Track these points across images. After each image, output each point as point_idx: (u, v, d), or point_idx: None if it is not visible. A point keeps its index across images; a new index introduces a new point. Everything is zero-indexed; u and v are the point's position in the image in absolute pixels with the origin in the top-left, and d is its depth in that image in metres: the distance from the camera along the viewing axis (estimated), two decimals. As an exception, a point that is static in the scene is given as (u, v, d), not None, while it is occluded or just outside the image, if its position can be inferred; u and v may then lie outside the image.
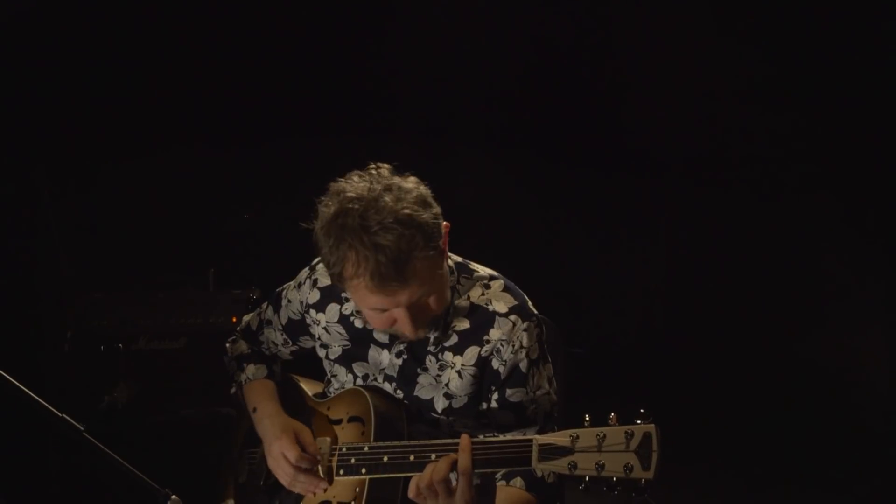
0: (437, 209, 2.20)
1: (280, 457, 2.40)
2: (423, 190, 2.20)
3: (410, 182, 2.19)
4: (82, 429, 2.22)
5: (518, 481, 2.32)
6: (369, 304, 2.19)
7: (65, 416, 2.22)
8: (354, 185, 2.17)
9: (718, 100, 4.86)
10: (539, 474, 2.29)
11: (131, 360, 3.77)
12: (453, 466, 2.13)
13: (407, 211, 2.11)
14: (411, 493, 2.19)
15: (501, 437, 2.17)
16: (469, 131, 4.92)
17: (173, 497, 2.23)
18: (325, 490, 2.36)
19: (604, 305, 5.03)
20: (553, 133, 5.10)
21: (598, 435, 1.97)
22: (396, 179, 2.18)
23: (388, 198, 2.11)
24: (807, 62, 4.61)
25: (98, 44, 4.43)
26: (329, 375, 2.55)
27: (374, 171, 2.21)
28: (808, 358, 4.83)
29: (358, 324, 2.42)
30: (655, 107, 4.94)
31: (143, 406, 3.74)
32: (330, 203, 2.16)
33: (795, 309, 4.93)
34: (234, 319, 3.76)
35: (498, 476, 2.34)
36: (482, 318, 2.34)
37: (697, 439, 4.48)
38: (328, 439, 2.41)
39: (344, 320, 2.44)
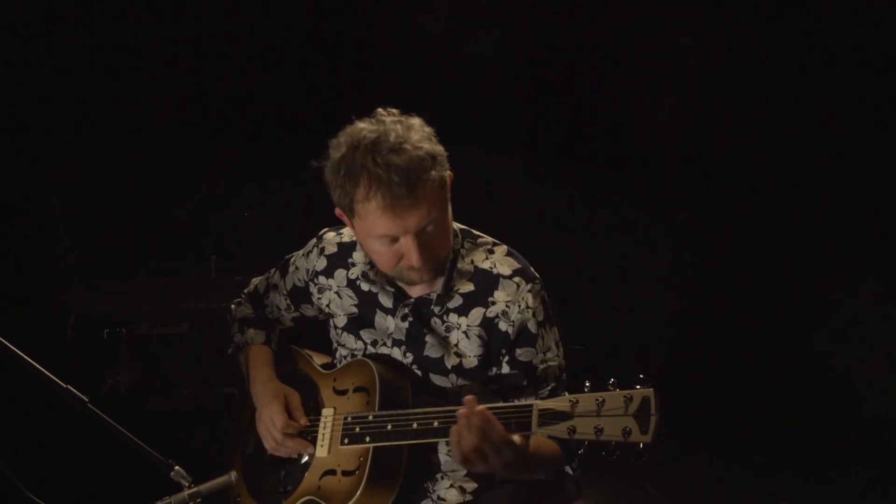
0: (441, 147, 2.31)
1: (268, 421, 2.49)
2: (428, 129, 2.32)
3: (416, 120, 2.32)
4: (86, 399, 2.25)
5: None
6: (379, 231, 2.25)
7: (69, 386, 2.24)
8: (365, 125, 2.29)
9: (720, 97, 4.85)
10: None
11: (134, 345, 3.78)
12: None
13: (416, 137, 2.24)
14: (457, 459, 2.15)
15: (502, 403, 2.19)
16: (467, 130, 4.90)
17: (177, 468, 2.26)
18: (312, 455, 2.42)
19: (605, 304, 5.02)
20: (553, 130, 5.11)
21: (597, 400, 2.00)
22: (404, 118, 2.31)
23: (398, 127, 2.25)
24: (813, 61, 4.62)
25: (102, 37, 4.45)
26: (336, 345, 2.61)
27: (382, 112, 2.33)
28: (809, 354, 4.82)
29: (364, 287, 2.50)
30: (657, 103, 4.95)
31: (146, 390, 3.75)
32: (342, 140, 2.29)
33: (798, 306, 4.92)
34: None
35: None
36: (486, 281, 2.40)
37: (698, 435, 4.50)
38: (333, 409, 2.44)
39: (352, 284, 2.52)
